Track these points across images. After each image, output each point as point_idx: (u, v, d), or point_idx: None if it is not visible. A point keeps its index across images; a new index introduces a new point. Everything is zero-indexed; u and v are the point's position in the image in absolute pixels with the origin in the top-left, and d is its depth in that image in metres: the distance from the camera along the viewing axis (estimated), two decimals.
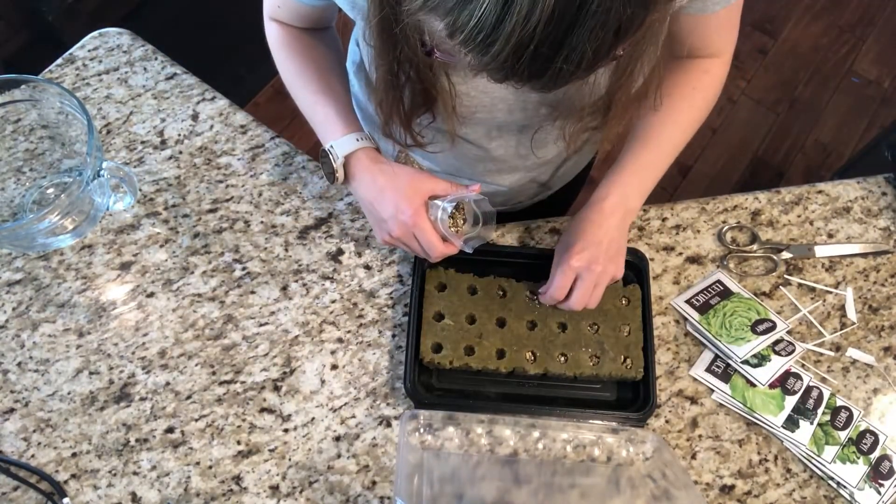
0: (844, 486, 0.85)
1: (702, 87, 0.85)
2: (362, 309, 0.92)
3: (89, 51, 1.07)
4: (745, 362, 0.89)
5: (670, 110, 0.83)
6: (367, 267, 0.94)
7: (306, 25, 0.87)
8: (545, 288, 0.85)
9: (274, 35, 0.87)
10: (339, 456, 0.85)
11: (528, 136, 0.88)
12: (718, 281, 0.95)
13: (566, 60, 0.50)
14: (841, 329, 0.93)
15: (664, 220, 0.99)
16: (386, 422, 0.86)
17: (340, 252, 0.95)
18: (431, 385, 0.87)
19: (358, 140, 0.81)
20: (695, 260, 0.97)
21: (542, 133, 0.87)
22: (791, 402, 0.88)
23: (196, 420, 0.86)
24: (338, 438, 0.85)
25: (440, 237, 0.79)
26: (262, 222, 0.97)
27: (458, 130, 0.82)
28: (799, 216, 1.00)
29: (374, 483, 0.84)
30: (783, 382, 0.89)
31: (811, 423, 0.87)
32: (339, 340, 0.90)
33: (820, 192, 1.02)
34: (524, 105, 0.80)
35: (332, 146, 0.81)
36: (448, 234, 0.78)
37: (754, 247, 0.97)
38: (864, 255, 0.98)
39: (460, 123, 0.81)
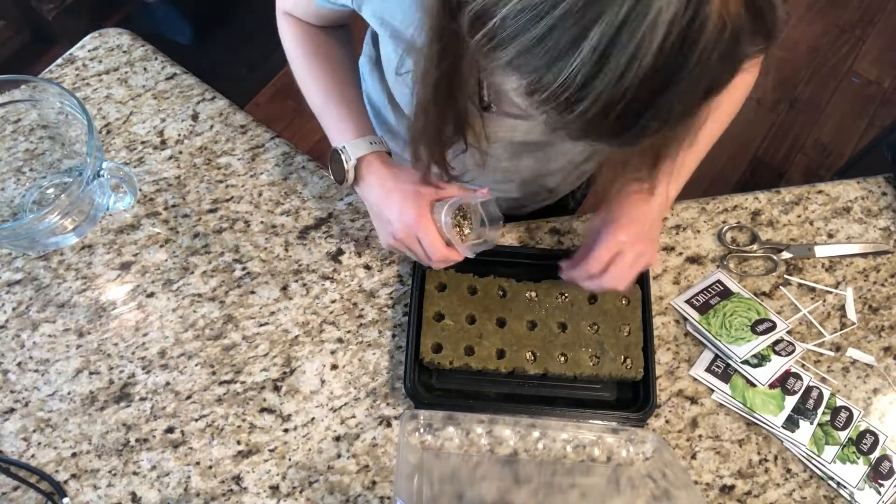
0: (844, 486, 0.85)
1: (740, 84, 0.85)
2: (362, 309, 0.92)
3: (89, 51, 1.07)
4: (745, 362, 0.89)
5: (713, 106, 0.83)
6: (367, 267, 0.94)
7: (321, 24, 0.86)
8: (577, 261, 0.80)
9: (286, 30, 0.86)
10: (339, 456, 0.85)
11: (545, 152, 0.87)
12: (718, 281, 0.95)
13: (654, 118, 0.47)
14: (841, 329, 0.93)
15: (664, 220, 0.99)
16: (386, 422, 0.86)
17: (340, 252, 0.95)
18: (431, 385, 0.87)
19: (371, 143, 0.80)
20: (695, 260, 0.97)
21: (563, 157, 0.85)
22: (791, 402, 0.88)
23: (196, 420, 0.86)
24: (338, 438, 0.85)
25: (444, 241, 0.77)
26: (262, 222, 0.97)
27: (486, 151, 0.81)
28: (799, 216, 1.00)
29: (374, 483, 0.84)
30: (783, 382, 0.89)
31: (811, 423, 0.87)
32: (339, 340, 0.90)
33: (820, 192, 1.02)
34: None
35: (343, 147, 0.80)
36: (451, 237, 0.77)
37: (754, 247, 0.97)
38: (864, 255, 0.98)
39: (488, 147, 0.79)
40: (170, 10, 2.09)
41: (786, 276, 0.96)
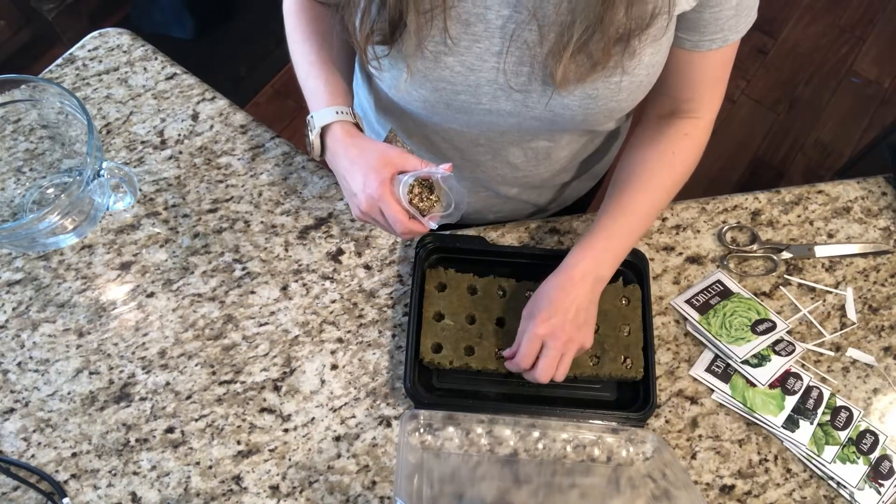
0: (844, 486, 0.85)
1: (681, 151, 0.83)
2: (362, 309, 0.92)
3: (89, 51, 1.07)
4: (745, 362, 0.89)
5: (648, 176, 0.82)
6: (367, 267, 0.94)
7: None
8: (510, 352, 0.81)
9: (289, 3, 0.87)
10: (339, 456, 0.85)
11: (516, 144, 0.87)
12: (718, 281, 0.95)
13: None
14: (841, 329, 0.94)
15: (664, 220, 0.99)
16: (386, 422, 0.86)
17: (340, 252, 0.95)
18: (431, 385, 0.87)
19: (338, 113, 0.79)
20: (695, 260, 0.97)
21: (527, 72, 0.79)
22: (791, 402, 0.88)
23: (196, 420, 0.86)
24: (338, 438, 0.85)
25: (406, 212, 0.76)
26: (262, 222, 0.97)
27: (435, 117, 0.78)
28: (799, 216, 1.00)
29: (374, 483, 0.84)
30: (783, 382, 0.89)
31: (811, 423, 0.87)
32: (339, 340, 0.90)
33: (820, 192, 1.02)
34: (510, 90, 0.77)
35: (311, 116, 0.80)
36: (409, 209, 0.75)
37: (754, 247, 0.97)
38: (864, 255, 0.98)
39: (441, 100, 0.77)
40: (173, 2, 2.09)
41: (786, 276, 0.96)
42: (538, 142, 0.86)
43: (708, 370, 0.90)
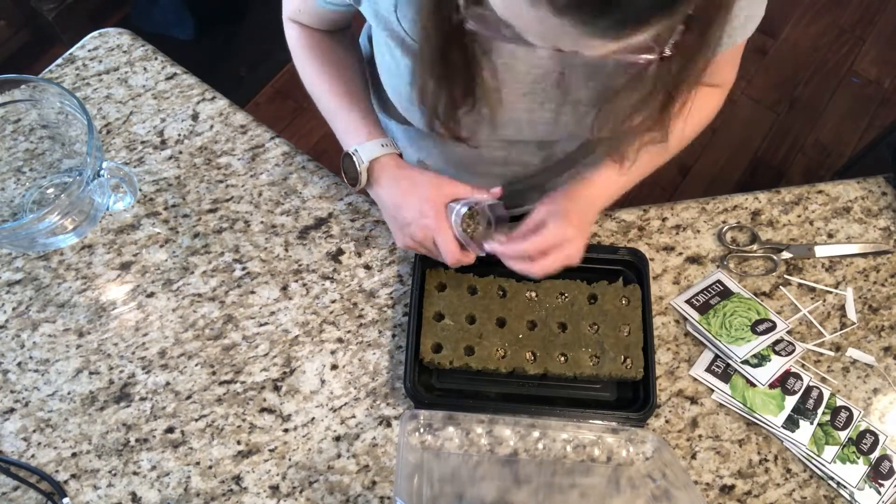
0: (844, 486, 0.85)
1: (696, 109, 0.83)
2: (362, 309, 0.92)
3: (89, 51, 1.07)
4: (745, 362, 0.89)
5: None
6: (367, 267, 0.94)
7: (326, 28, 0.87)
8: (514, 239, 0.78)
9: (294, 37, 0.88)
10: (339, 456, 0.85)
11: (552, 150, 0.88)
12: (718, 281, 0.95)
13: None
14: (841, 329, 0.94)
15: (664, 220, 0.99)
16: (386, 422, 0.86)
17: (340, 252, 0.95)
18: (431, 385, 0.87)
19: (383, 146, 0.81)
20: (695, 260, 0.97)
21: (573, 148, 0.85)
22: (791, 402, 0.88)
23: (196, 420, 0.86)
24: (338, 438, 0.85)
25: (458, 242, 0.78)
26: (262, 222, 0.97)
27: (496, 119, 0.79)
28: (799, 216, 1.00)
29: (374, 483, 0.84)
30: (783, 382, 0.89)
31: (811, 423, 0.87)
32: (339, 340, 0.90)
33: (820, 192, 1.02)
34: (559, 103, 0.78)
35: (356, 150, 0.81)
36: (462, 238, 0.78)
37: (754, 247, 0.97)
38: (864, 255, 0.98)
39: (501, 108, 0.78)
40: (174, 3, 2.09)
41: (786, 276, 0.96)
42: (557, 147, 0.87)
43: (708, 370, 0.90)
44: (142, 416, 0.86)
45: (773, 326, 0.91)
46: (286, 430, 0.86)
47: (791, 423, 0.87)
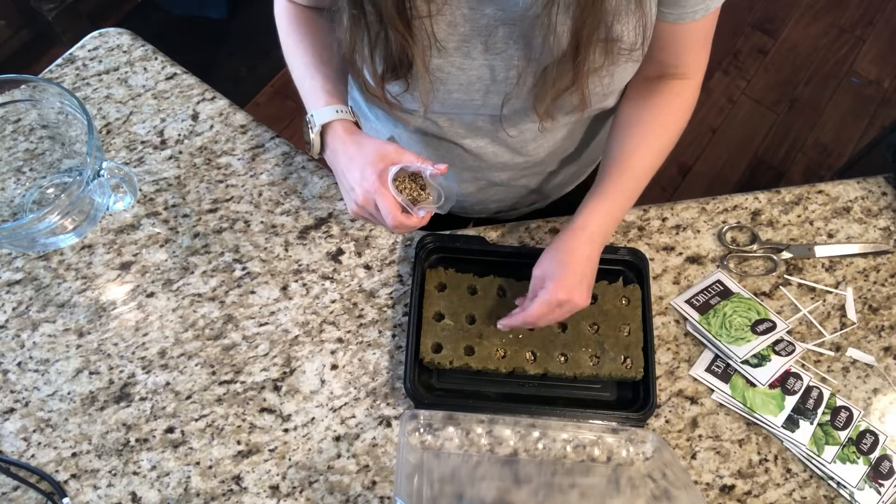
0: (844, 486, 0.85)
1: (673, 111, 0.84)
2: (362, 309, 0.92)
3: (89, 51, 1.07)
4: (745, 362, 0.89)
5: (644, 135, 0.83)
6: (367, 267, 0.95)
7: (311, 4, 0.88)
8: (523, 307, 0.82)
9: (281, 10, 0.89)
10: (339, 456, 0.85)
11: (503, 125, 0.88)
12: (718, 281, 0.95)
13: None
14: (841, 329, 0.94)
15: (664, 220, 0.99)
16: (386, 422, 0.86)
17: (340, 252, 0.95)
18: (431, 385, 0.87)
19: (337, 112, 0.81)
20: (695, 260, 0.97)
21: (513, 104, 0.84)
22: (791, 402, 0.88)
23: (196, 420, 0.86)
24: (338, 438, 0.85)
25: (399, 205, 0.76)
26: (262, 222, 0.97)
27: (433, 108, 0.81)
28: (799, 216, 1.00)
29: (374, 483, 0.84)
30: (783, 382, 0.89)
31: (811, 423, 0.87)
32: (339, 340, 0.90)
33: (820, 192, 1.02)
34: (499, 82, 0.79)
35: (311, 115, 0.81)
36: (403, 202, 0.76)
37: (754, 247, 0.97)
38: (864, 255, 0.98)
39: (436, 98, 0.79)
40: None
41: (786, 276, 0.96)
42: (527, 123, 0.87)
43: (708, 370, 0.90)
44: (142, 416, 0.86)
45: (773, 326, 0.91)
46: (286, 430, 0.86)
47: (791, 423, 0.87)
